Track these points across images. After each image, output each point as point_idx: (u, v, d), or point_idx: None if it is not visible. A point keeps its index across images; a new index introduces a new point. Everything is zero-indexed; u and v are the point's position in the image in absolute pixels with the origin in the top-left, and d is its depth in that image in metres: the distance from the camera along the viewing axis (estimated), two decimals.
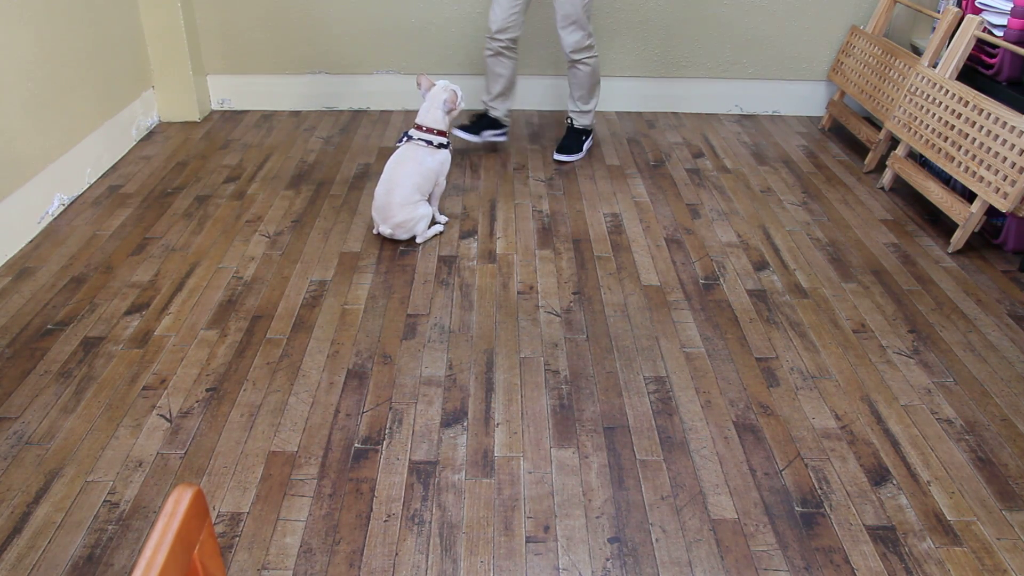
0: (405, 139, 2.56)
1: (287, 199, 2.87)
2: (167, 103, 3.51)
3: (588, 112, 3.22)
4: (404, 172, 2.49)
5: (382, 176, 2.52)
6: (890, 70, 3.13)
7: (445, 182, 2.65)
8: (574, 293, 2.35)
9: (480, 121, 3.28)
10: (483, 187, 2.99)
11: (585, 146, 3.26)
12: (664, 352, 2.10)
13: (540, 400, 1.92)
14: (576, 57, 3.02)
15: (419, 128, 2.55)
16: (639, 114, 3.75)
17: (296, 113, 3.69)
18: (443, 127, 2.58)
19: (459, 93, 2.59)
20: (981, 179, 2.52)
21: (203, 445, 1.77)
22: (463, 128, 3.22)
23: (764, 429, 1.85)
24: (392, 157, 2.54)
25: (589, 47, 3.01)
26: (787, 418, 1.89)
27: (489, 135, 3.29)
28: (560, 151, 3.20)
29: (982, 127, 2.54)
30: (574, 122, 3.24)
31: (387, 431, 1.82)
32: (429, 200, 2.62)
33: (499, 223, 2.73)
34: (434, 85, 2.59)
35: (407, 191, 2.48)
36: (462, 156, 3.25)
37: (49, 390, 1.92)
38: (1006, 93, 2.64)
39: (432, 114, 2.55)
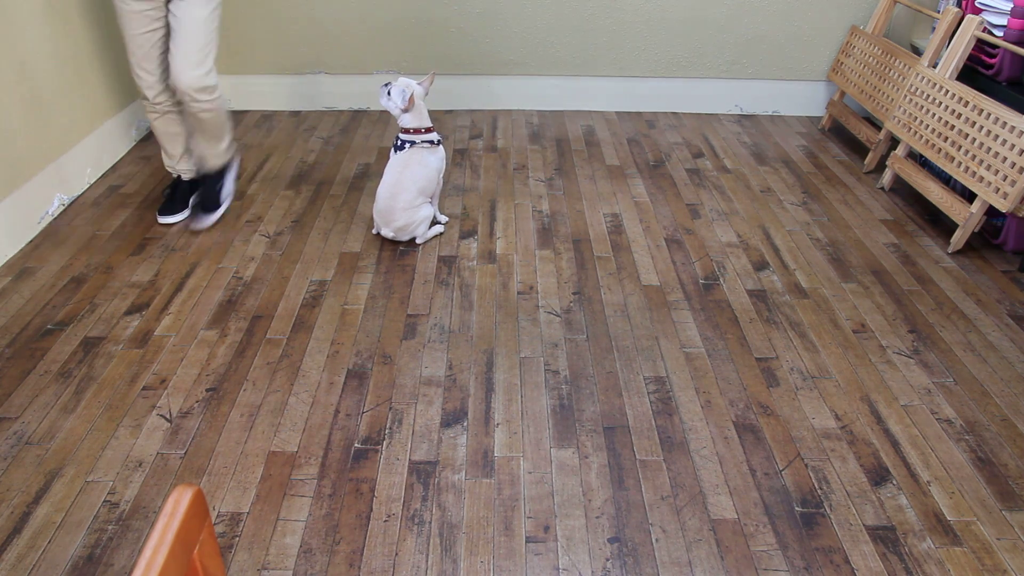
0: (408, 145, 2.49)
1: (287, 199, 2.87)
2: None
3: (222, 149, 2.66)
4: (410, 176, 2.47)
5: (385, 180, 2.49)
6: (890, 70, 3.13)
7: (442, 180, 2.64)
8: (574, 293, 2.35)
9: (176, 193, 2.70)
10: (483, 187, 2.99)
11: (225, 190, 2.71)
12: (664, 352, 2.10)
13: (540, 400, 1.92)
14: (200, 98, 2.43)
15: (418, 131, 2.51)
16: (639, 114, 3.75)
17: (296, 113, 3.69)
18: (430, 123, 2.54)
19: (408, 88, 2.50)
20: (981, 179, 2.52)
21: (203, 445, 1.77)
22: (163, 212, 2.66)
23: (764, 429, 1.85)
24: (394, 161, 2.50)
25: (215, 87, 2.46)
26: (787, 418, 1.89)
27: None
28: (197, 210, 2.63)
29: (982, 127, 2.54)
30: (205, 163, 2.63)
31: (387, 431, 1.82)
32: (432, 200, 2.61)
33: (499, 223, 2.73)
34: (398, 86, 2.48)
35: (411, 195, 2.47)
36: (462, 156, 3.25)
37: (49, 390, 1.92)
38: (1006, 93, 2.64)
39: (424, 113, 2.52)
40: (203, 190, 2.66)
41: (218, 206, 2.67)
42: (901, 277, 2.47)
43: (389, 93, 2.47)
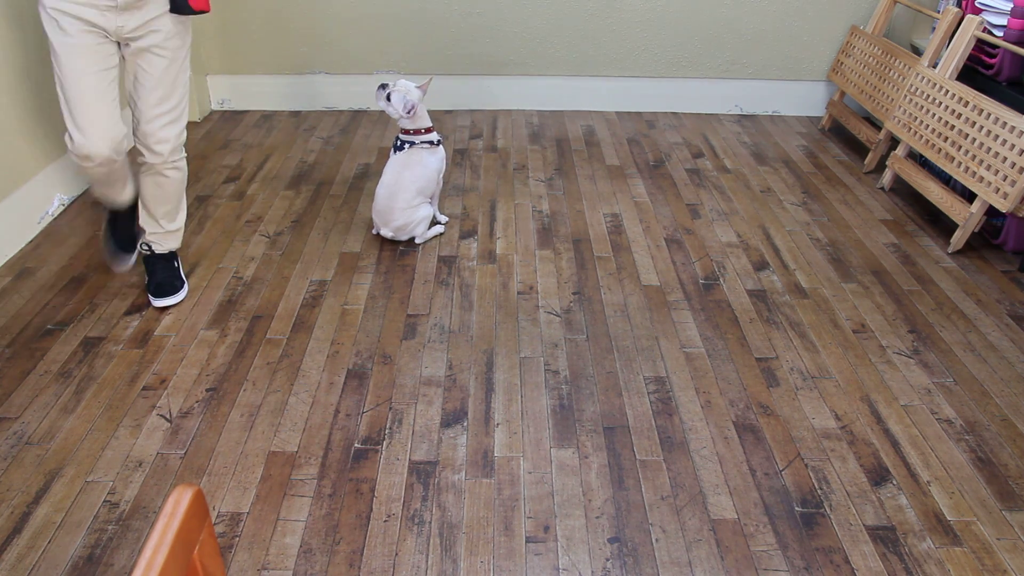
0: (407, 146, 2.50)
1: (287, 199, 2.87)
2: None
3: (178, 232, 2.29)
4: (410, 176, 2.47)
5: (383, 180, 2.49)
6: (890, 70, 3.13)
7: (442, 180, 2.63)
8: (574, 293, 2.35)
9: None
10: (483, 187, 2.99)
11: (181, 270, 2.33)
12: (664, 352, 2.10)
13: (540, 400, 1.92)
14: (173, 159, 2.11)
15: (417, 132, 2.51)
16: (639, 114, 3.75)
17: (296, 113, 3.69)
18: (429, 123, 2.53)
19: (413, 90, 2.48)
20: (981, 179, 2.52)
21: (203, 445, 1.77)
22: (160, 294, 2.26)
23: (764, 429, 1.85)
24: (393, 161, 2.50)
25: (184, 145, 2.15)
26: (787, 418, 1.89)
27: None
28: (160, 293, 2.23)
29: (982, 127, 2.54)
30: (155, 247, 2.26)
31: (387, 431, 1.82)
32: (432, 200, 2.61)
33: (499, 223, 2.73)
34: (397, 89, 2.45)
35: (410, 195, 2.47)
36: (462, 156, 3.25)
37: (49, 390, 1.92)
38: (1006, 93, 2.64)
39: (423, 114, 2.51)
40: (159, 274, 2.25)
41: (177, 290, 2.26)
42: (901, 277, 2.47)
43: (389, 98, 2.45)
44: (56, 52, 1.86)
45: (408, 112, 2.44)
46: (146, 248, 2.26)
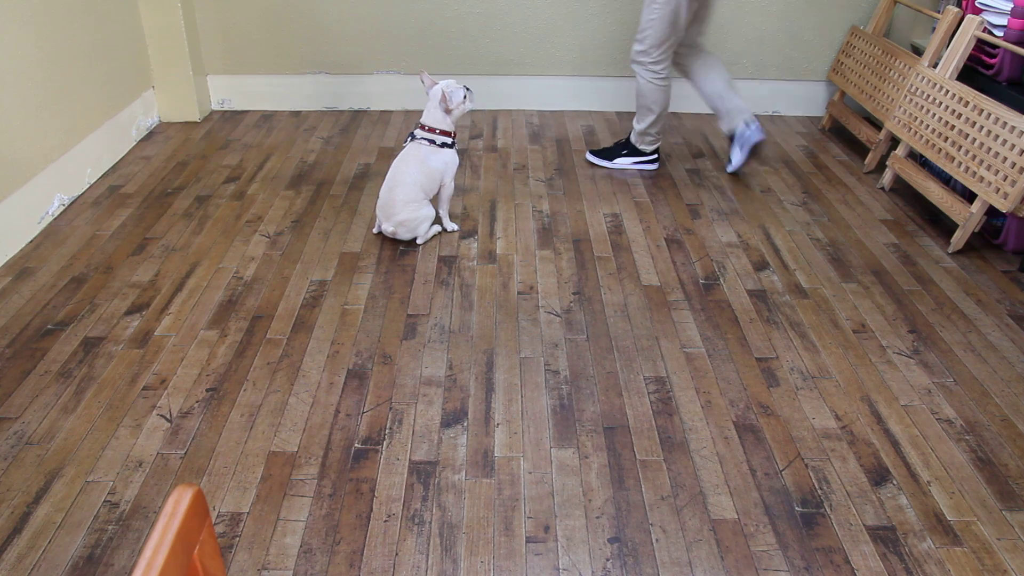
0: (410, 138, 2.56)
1: (287, 199, 2.87)
2: (167, 103, 3.51)
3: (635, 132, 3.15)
4: (406, 170, 2.49)
5: (387, 174, 2.54)
6: (890, 70, 3.13)
7: (453, 184, 2.63)
8: (574, 293, 2.34)
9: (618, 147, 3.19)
10: (483, 187, 2.99)
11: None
12: (664, 352, 2.10)
13: (540, 400, 1.92)
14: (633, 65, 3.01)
15: (422, 127, 2.54)
16: None
17: (296, 113, 3.69)
18: (446, 127, 2.55)
19: (452, 92, 2.51)
20: (981, 179, 2.52)
21: (203, 445, 1.77)
22: (594, 153, 3.21)
23: (764, 429, 1.85)
24: (399, 154, 2.56)
25: (638, 59, 2.96)
26: (787, 418, 1.89)
27: (626, 163, 3.17)
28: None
29: (982, 127, 2.54)
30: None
31: (387, 431, 1.82)
32: (436, 203, 2.61)
33: (499, 223, 2.73)
34: (436, 84, 2.56)
35: (409, 189, 2.48)
36: (461, 156, 3.25)
37: (49, 390, 1.92)
38: (1006, 93, 2.64)
39: (433, 114, 2.54)
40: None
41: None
42: (901, 277, 2.47)
43: (465, 98, 2.56)
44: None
45: (422, 83, 2.55)
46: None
